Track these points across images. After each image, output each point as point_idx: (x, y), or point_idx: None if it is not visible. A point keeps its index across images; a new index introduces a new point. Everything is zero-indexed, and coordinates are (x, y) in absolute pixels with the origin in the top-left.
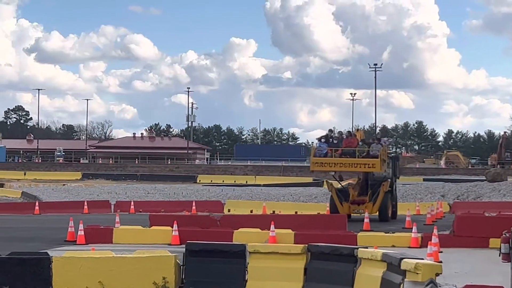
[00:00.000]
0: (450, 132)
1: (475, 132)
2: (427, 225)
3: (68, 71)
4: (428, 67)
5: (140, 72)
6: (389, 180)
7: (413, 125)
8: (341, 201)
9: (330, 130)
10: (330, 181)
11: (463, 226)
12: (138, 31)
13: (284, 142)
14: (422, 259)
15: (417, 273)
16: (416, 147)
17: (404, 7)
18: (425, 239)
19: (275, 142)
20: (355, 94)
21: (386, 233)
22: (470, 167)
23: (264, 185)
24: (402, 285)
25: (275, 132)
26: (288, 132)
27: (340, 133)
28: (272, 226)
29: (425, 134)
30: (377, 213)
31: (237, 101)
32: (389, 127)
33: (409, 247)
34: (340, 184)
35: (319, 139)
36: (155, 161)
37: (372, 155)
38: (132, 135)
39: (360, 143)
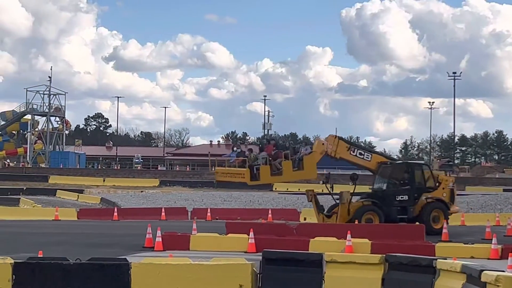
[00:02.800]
0: None
1: None
2: (507, 237)
3: (145, 79)
4: (507, 76)
5: (216, 80)
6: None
7: (493, 134)
8: (319, 211)
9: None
10: (310, 190)
11: None
12: (214, 40)
13: None
14: (503, 271)
15: (498, 286)
16: (496, 156)
17: (482, 15)
18: (506, 250)
19: None
20: (433, 102)
21: (465, 244)
22: None
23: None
24: None
25: (352, 141)
26: (365, 140)
27: (263, 141)
28: (348, 235)
29: (505, 143)
30: None
31: (312, 109)
32: (468, 136)
33: (489, 259)
34: (330, 192)
35: (232, 148)
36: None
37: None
38: (209, 143)
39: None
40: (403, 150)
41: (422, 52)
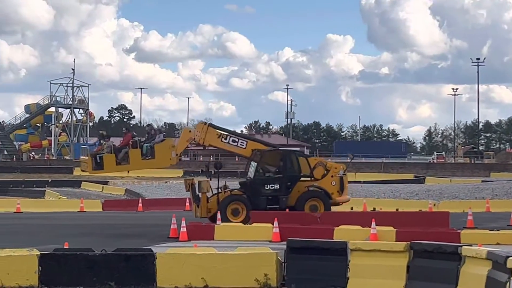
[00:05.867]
0: None
1: None
2: None
3: (167, 70)
4: None
5: (237, 70)
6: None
7: None
8: (194, 202)
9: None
10: (189, 178)
11: None
12: (234, 29)
13: (384, 138)
14: None
15: None
16: None
17: (503, 0)
18: None
19: (375, 139)
20: (456, 89)
21: (490, 230)
22: None
23: (364, 182)
24: (508, 284)
25: (375, 129)
26: (388, 128)
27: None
28: (373, 223)
29: None
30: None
31: (334, 98)
32: (492, 122)
33: None
34: (208, 182)
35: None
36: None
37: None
38: None
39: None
40: (427, 138)
41: (443, 38)
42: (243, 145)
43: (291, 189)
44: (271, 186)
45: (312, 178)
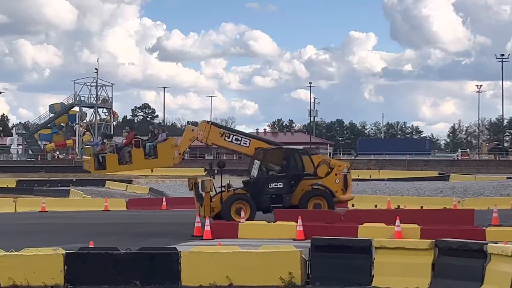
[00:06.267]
0: None
1: None
2: None
3: (189, 69)
4: None
5: (260, 68)
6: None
7: None
8: (197, 201)
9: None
10: (192, 177)
11: None
12: (256, 28)
13: (408, 135)
14: None
15: None
16: None
17: None
18: None
19: (399, 136)
20: (481, 85)
21: None
22: None
23: (388, 180)
24: None
25: (399, 126)
26: (412, 125)
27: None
28: (397, 221)
29: None
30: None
31: (357, 95)
32: None
33: None
34: (213, 182)
35: (102, 137)
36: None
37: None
38: (255, 131)
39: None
40: (451, 135)
41: (467, 35)
42: (246, 144)
43: (295, 188)
44: (275, 185)
45: (316, 177)
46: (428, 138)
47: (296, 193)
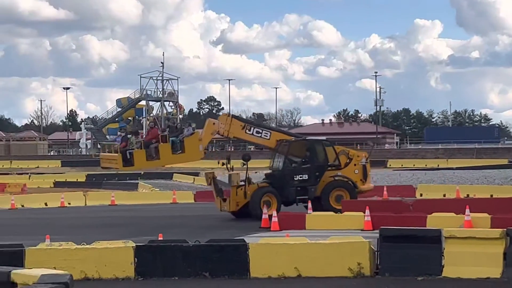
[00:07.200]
0: None
1: None
2: None
3: (254, 61)
4: None
5: (324, 59)
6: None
7: None
8: (217, 196)
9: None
10: (210, 172)
11: None
12: (320, 18)
13: (476, 123)
14: None
15: None
16: None
17: None
18: None
19: (467, 124)
20: None
21: None
22: None
23: (457, 168)
24: None
25: (466, 114)
26: (480, 113)
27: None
28: (467, 210)
29: None
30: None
31: (423, 84)
32: None
33: None
34: (239, 174)
35: (123, 133)
36: (344, 146)
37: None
38: (321, 122)
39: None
40: None
41: None
42: (267, 136)
43: (319, 179)
44: (300, 177)
45: (339, 167)
46: (497, 125)
47: (318, 184)
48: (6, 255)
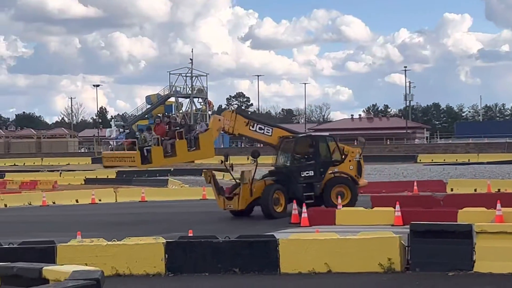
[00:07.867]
0: None
1: None
2: None
3: (282, 56)
4: None
5: (353, 54)
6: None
7: None
8: (219, 194)
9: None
10: (208, 170)
11: None
12: (348, 13)
13: (507, 117)
14: None
15: None
16: None
17: None
18: None
19: (498, 118)
20: None
21: None
22: None
23: (488, 163)
24: None
25: (497, 108)
26: (511, 107)
27: (159, 118)
28: (498, 205)
29: None
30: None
31: (453, 78)
32: None
33: None
34: (231, 174)
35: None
36: (374, 141)
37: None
38: (350, 117)
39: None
40: None
41: None
42: (269, 133)
43: (324, 175)
44: (306, 173)
45: (337, 163)
46: None
47: (323, 181)
48: (38, 252)
